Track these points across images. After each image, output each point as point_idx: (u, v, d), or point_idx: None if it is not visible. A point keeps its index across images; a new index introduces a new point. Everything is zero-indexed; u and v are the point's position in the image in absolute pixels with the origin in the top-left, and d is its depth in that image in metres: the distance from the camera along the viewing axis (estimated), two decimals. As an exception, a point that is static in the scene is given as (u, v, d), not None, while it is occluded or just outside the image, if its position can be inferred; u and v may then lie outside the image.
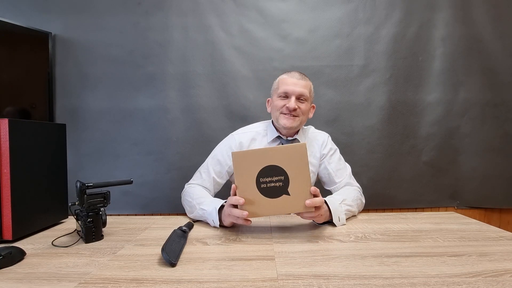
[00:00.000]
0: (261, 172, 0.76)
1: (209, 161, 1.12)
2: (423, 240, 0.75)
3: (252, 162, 0.76)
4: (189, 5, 1.52)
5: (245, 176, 0.77)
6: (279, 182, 0.75)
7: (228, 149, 1.11)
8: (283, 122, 1.05)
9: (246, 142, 1.12)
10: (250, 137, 1.13)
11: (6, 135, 0.75)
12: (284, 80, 1.08)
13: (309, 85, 1.08)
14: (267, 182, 0.76)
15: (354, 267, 0.59)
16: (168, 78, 1.53)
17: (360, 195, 1.05)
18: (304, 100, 1.05)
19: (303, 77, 1.07)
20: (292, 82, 1.05)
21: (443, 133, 1.54)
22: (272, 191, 0.76)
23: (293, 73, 1.08)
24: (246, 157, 0.77)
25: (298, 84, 1.05)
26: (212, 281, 0.55)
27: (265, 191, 0.76)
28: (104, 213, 0.79)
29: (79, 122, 1.52)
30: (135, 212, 1.55)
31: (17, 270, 0.60)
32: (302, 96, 1.05)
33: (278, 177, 0.75)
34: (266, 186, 0.76)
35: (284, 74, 1.10)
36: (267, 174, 0.76)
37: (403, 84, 1.53)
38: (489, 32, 1.50)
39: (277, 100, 1.07)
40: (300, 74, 1.08)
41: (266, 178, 0.76)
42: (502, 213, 1.58)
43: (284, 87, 1.05)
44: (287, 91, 1.04)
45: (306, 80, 1.07)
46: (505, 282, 0.53)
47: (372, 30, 1.52)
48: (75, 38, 1.52)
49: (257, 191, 0.76)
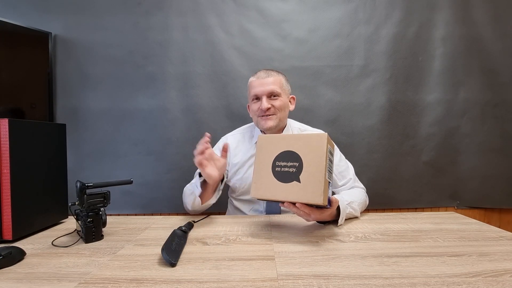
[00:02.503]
0: (278, 156, 0.78)
1: None
2: (423, 240, 0.75)
3: (272, 145, 0.79)
4: (189, 5, 1.52)
5: (263, 157, 0.80)
6: (292, 168, 0.75)
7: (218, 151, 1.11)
8: (262, 124, 1.06)
9: (233, 144, 1.16)
10: (237, 139, 1.17)
11: (6, 135, 0.75)
12: (251, 84, 1.08)
13: (278, 79, 1.06)
14: (281, 166, 0.77)
15: (354, 267, 0.59)
16: (168, 78, 1.53)
17: (366, 198, 1.06)
18: (276, 96, 1.05)
19: (269, 74, 1.06)
20: (259, 83, 1.05)
21: (443, 133, 1.54)
22: (284, 175, 0.76)
23: (259, 73, 1.07)
24: (269, 140, 0.81)
25: (265, 83, 1.04)
26: (212, 281, 0.55)
27: (278, 174, 0.77)
28: (104, 213, 0.79)
29: (79, 122, 1.53)
30: (135, 212, 1.55)
31: (17, 270, 0.60)
32: (273, 93, 1.04)
33: (293, 163, 0.76)
34: (280, 170, 0.77)
35: (251, 77, 1.10)
36: (284, 158, 0.77)
37: (403, 84, 1.53)
38: (489, 32, 1.50)
39: (252, 105, 1.09)
40: (265, 72, 1.07)
41: (281, 162, 0.77)
42: (502, 213, 1.58)
43: (253, 90, 1.06)
44: (257, 93, 1.05)
45: (273, 76, 1.06)
46: (505, 282, 0.53)
47: (372, 30, 1.52)
48: (75, 38, 1.52)
49: (270, 173, 0.77)
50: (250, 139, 1.16)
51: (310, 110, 1.54)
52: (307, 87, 1.54)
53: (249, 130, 1.19)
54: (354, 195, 0.99)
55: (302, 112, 1.53)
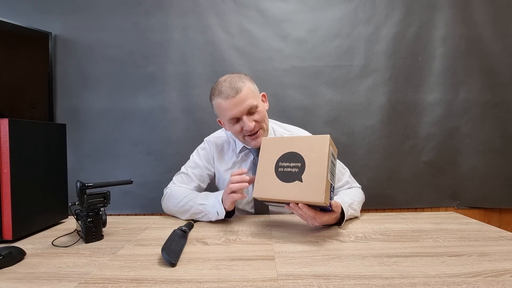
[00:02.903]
0: (282, 157, 0.78)
1: (189, 165, 1.10)
2: (423, 240, 0.75)
3: (276, 147, 0.80)
4: (189, 5, 1.52)
5: (267, 158, 0.80)
6: (295, 168, 0.76)
7: (205, 153, 1.09)
8: (253, 144, 0.97)
9: (218, 147, 1.10)
10: (220, 142, 1.10)
11: (6, 135, 0.75)
12: (221, 106, 0.92)
13: (247, 90, 0.92)
14: (284, 166, 0.77)
15: (354, 267, 0.59)
16: (168, 78, 1.53)
17: (363, 196, 1.06)
18: (255, 108, 0.93)
19: (237, 88, 0.90)
20: (231, 104, 0.90)
21: (443, 133, 1.54)
22: (287, 175, 0.76)
23: (225, 91, 0.91)
24: (273, 142, 0.82)
25: (239, 101, 0.90)
26: (212, 281, 0.55)
27: (281, 174, 0.77)
28: (104, 213, 0.79)
29: (79, 122, 1.53)
30: (135, 212, 1.55)
31: (17, 270, 0.60)
32: (251, 108, 0.92)
33: (296, 163, 0.76)
34: (283, 170, 0.77)
35: (216, 97, 0.93)
36: (287, 159, 0.78)
37: (403, 84, 1.53)
38: (489, 32, 1.50)
39: (231, 126, 0.96)
40: (231, 88, 0.90)
41: (285, 163, 0.78)
42: (502, 213, 1.58)
43: (229, 113, 0.92)
44: (234, 116, 0.92)
45: (241, 89, 0.90)
46: (505, 282, 0.53)
47: (372, 30, 1.52)
48: (75, 38, 1.52)
49: (273, 173, 0.78)
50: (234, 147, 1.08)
51: (310, 110, 1.54)
52: (307, 87, 1.54)
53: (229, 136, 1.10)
54: (353, 195, 0.99)
55: (302, 112, 1.53)
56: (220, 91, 0.92)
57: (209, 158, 1.10)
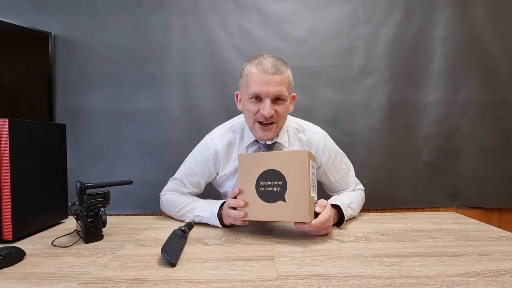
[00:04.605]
0: (261, 175, 0.77)
1: (185, 172, 1.05)
2: (423, 240, 0.75)
3: (254, 165, 0.78)
4: (189, 5, 1.52)
5: (246, 177, 0.78)
6: (277, 187, 0.75)
7: (204, 160, 1.01)
8: (259, 134, 0.89)
9: (223, 149, 0.99)
10: (226, 142, 0.99)
11: (6, 135, 0.75)
12: (252, 75, 0.84)
13: (286, 78, 0.84)
14: (265, 185, 0.76)
15: (354, 267, 0.59)
16: (168, 78, 1.53)
17: (364, 198, 1.06)
18: (282, 101, 0.85)
19: (278, 69, 0.82)
20: (263, 80, 0.81)
21: (443, 133, 1.54)
22: (269, 195, 0.75)
23: (265, 64, 0.82)
24: (250, 159, 0.79)
25: (272, 82, 0.81)
26: (212, 281, 0.55)
27: (263, 194, 0.76)
28: (104, 213, 0.79)
29: (79, 122, 1.52)
30: (135, 212, 1.55)
31: (17, 270, 0.60)
32: (278, 97, 0.84)
33: (277, 182, 0.75)
34: (264, 189, 0.76)
35: (252, 65, 0.85)
36: (267, 178, 0.76)
37: (403, 84, 1.53)
38: (489, 32, 1.50)
39: (248, 103, 0.87)
40: (273, 67, 0.82)
41: (265, 181, 0.76)
42: (502, 213, 1.58)
43: (255, 88, 0.82)
44: (259, 93, 0.83)
45: (283, 73, 0.83)
46: (505, 282, 0.53)
47: (372, 30, 1.52)
48: (75, 38, 1.52)
49: (255, 194, 0.77)
50: (241, 141, 0.99)
51: (310, 110, 1.54)
52: (307, 87, 1.54)
53: (239, 130, 1.00)
54: (351, 196, 0.99)
55: (302, 112, 1.53)
56: (260, 62, 0.84)
57: (208, 165, 1.02)
